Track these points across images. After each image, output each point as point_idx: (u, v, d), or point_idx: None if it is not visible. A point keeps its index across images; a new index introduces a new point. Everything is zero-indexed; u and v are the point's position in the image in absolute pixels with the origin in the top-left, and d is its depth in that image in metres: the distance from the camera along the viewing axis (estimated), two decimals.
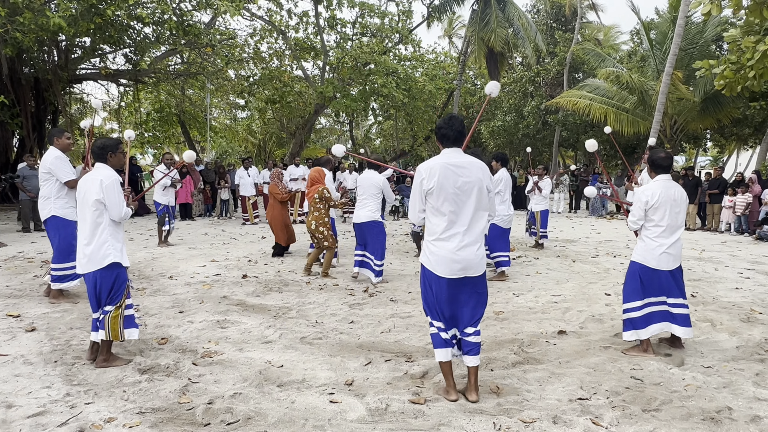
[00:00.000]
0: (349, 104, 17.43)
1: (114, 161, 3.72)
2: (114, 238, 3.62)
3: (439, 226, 3.08)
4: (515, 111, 23.62)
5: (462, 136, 3.15)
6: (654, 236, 3.90)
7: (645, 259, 3.94)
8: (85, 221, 3.60)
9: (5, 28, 10.26)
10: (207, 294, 5.67)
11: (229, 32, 16.67)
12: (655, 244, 3.90)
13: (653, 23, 19.17)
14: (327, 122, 33.14)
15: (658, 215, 3.87)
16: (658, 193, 3.85)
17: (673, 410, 3.04)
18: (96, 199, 3.53)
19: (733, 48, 6.11)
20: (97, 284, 3.57)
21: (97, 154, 3.68)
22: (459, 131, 3.12)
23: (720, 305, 5.47)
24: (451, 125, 3.12)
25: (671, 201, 3.86)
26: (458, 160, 3.06)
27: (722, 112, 16.17)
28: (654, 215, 3.88)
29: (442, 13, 22.41)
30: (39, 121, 16.85)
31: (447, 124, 3.13)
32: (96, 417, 2.87)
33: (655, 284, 3.95)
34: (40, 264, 7.10)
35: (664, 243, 3.88)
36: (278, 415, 2.94)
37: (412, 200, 3.21)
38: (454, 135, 3.11)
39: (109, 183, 3.56)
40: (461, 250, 3.05)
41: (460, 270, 3.06)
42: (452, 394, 3.15)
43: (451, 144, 3.12)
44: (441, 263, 3.08)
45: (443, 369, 3.20)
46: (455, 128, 3.12)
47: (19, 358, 3.69)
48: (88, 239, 3.57)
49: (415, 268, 7.41)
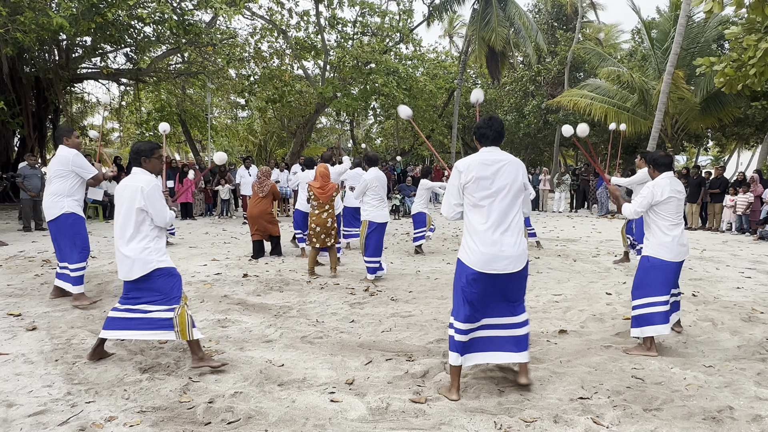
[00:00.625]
0: (349, 103, 17.43)
1: (149, 166, 3.57)
2: (156, 243, 3.50)
3: (478, 221, 3.10)
4: (516, 110, 23.63)
5: (501, 135, 3.23)
6: (666, 230, 3.97)
7: (661, 254, 3.98)
8: (125, 226, 3.47)
9: (6, 27, 10.26)
10: (208, 293, 5.67)
11: (230, 31, 16.67)
12: (669, 237, 3.97)
13: (654, 22, 19.15)
14: (328, 121, 33.15)
15: (669, 209, 3.96)
16: (667, 189, 3.95)
17: (675, 410, 3.04)
18: (138, 208, 3.41)
19: (734, 45, 6.10)
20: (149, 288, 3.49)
21: (132, 159, 3.55)
22: (498, 131, 3.21)
23: (721, 304, 5.46)
24: (491, 125, 3.20)
25: (679, 194, 4.00)
26: (496, 157, 3.14)
27: (723, 111, 16.15)
28: (664, 210, 3.96)
29: (443, 12, 22.39)
30: (40, 121, 16.86)
31: (487, 125, 3.21)
32: (97, 416, 2.87)
33: (671, 277, 4.02)
34: (40, 263, 7.10)
35: (676, 235, 3.97)
36: (279, 414, 2.94)
37: (446, 194, 3.26)
38: (493, 135, 3.19)
39: (150, 190, 3.42)
40: (501, 244, 3.06)
41: (500, 265, 3.06)
42: (454, 394, 3.15)
43: (490, 143, 3.20)
44: (480, 258, 3.07)
45: (453, 371, 3.19)
46: (495, 128, 3.20)
47: (20, 356, 3.69)
48: (128, 245, 3.46)
49: (415, 267, 7.41)
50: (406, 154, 28.47)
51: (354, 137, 31.04)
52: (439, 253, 8.81)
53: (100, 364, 3.61)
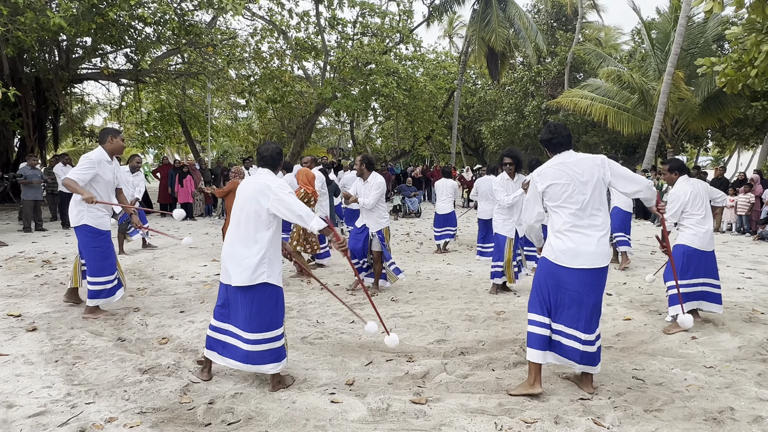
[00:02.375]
0: (349, 104, 17.42)
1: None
2: (273, 253, 3.25)
3: (561, 220, 3.21)
4: (516, 111, 23.62)
5: (570, 139, 3.31)
6: (694, 224, 4.63)
7: (692, 242, 4.63)
8: (248, 231, 3.22)
9: (6, 27, 10.25)
10: (208, 294, 5.67)
11: (230, 32, 16.67)
12: (695, 230, 4.62)
13: (654, 23, 19.15)
14: (328, 122, 33.14)
15: (695, 207, 4.62)
16: (689, 190, 4.63)
17: (675, 410, 3.03)
18: (267, 209, 3.15)
19: (735, 46, 6.09)
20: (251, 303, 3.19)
21: (266, 160, 3.35)
22: (567, 135, 3.29)
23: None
24: (559, 132, 3.27)
25: (701, 192, 4.67)
26: (571, 159, 3.23)
27: (723, 111, 16.15)
28: (691, 208, 4.62)
29: (443, 12, 22.39)
30: (40, 121, 16.84)
31: (555, 132, 3.27)
32: (97, 417, 2.87)
33: (702, 265, 4.64)
34: (40, 264, 7.10)
35: (702, 229, 4.62)
36: (279, 415, 2.93)
37: (526, 204, 3.43)
38: (563, 140, 3.27)
39: (277, 187, 3.15)
40: (585, 242, 3.14)
41: (585, 261, 3.12)
42: (537, 388, 3.17)
43: (563, 148, 3.27)
44: (566, 255, 3.16)
45: (532, 367, 3.21)
46: (563, 134, 3.27)
47: (20, 357, 3.69)
48: (245, 250, 3.19)
49: (415, 268, 7.40)
50: (406, 154, 28.45)
51: (354, 138, 31.01)
52: (439, 254, 8.80)
53: (100, 364, 3.60)
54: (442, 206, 9.02)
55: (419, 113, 20.80)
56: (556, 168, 3.22)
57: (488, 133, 25.04)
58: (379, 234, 5.76)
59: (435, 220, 9.17)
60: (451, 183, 9.13)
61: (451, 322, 4.75)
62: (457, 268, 7.53)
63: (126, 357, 3.75)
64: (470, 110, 27.94)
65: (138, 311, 4.91)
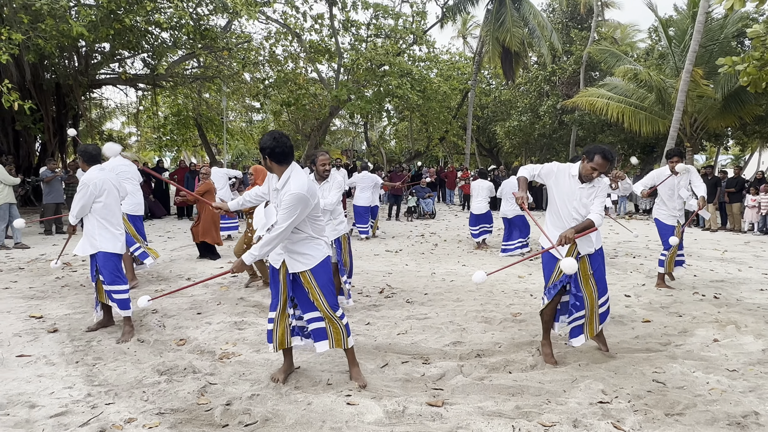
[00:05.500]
0: (363, 106, 17.45)
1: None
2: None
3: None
4: (531, 111, 23.43)
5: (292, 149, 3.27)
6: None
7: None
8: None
9: (28, 35, 10.47)
10: (224, 295, 5.71)
11: (245, 35, 16.80)
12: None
13: (672, 20, 18.84)
14: (342, 124, 33.24)
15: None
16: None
17: (698, 414, 2.97)
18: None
19: (756, 44, 5.97)
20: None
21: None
22: (290, 146, 3.22)
23: (744, 307, 5.34)
24: (283, 143, 3.15)
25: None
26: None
27: (744, 109, 15.83)
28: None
29: (456, 13, 22.32)
30: (60, 126, 17.16)
31: (279, 142, 3.14)
32: (116, 417, 2.90)
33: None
34: (61, 266, 7.22)
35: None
36: (296, 416, 2.94)
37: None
38: (288, 150, 3.18)
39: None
40: None
41: None
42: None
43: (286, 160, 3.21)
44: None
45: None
46: (287, 144, 3.17)
47: (42, 358, 3.75)
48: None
49: (430, 270, 7.38)
50: (420, 155, 28.41)
51: (368, 139, 31.06)
52: (454, 255, 8.77)
53: (119, 365, 3.65)
54: (478, 206, 9.42)
55: (433, 114, 20.75)
56: None
57: (503, 133, 24.87)
58: (337, 243, 5.02)
59: (471, 219, 9.67)
60: (487, 184, 9.47)
61: (467, 324, 4.72)
62: (472, 269, 7.49)
63: (144, 358, 3.80)
64: (484, 111, 27.79)
65: (156, 313, 4.97)
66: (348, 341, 3.36)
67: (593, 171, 3.54)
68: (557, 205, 3.77)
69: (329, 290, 3.29)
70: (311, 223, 3.25)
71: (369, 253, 8.80)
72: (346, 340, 3.35)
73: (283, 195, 3.10)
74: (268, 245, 3.10)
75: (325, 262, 3.31)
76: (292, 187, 3.06)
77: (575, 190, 3.67)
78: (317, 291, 3.25)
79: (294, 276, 3.29)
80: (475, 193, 9.52)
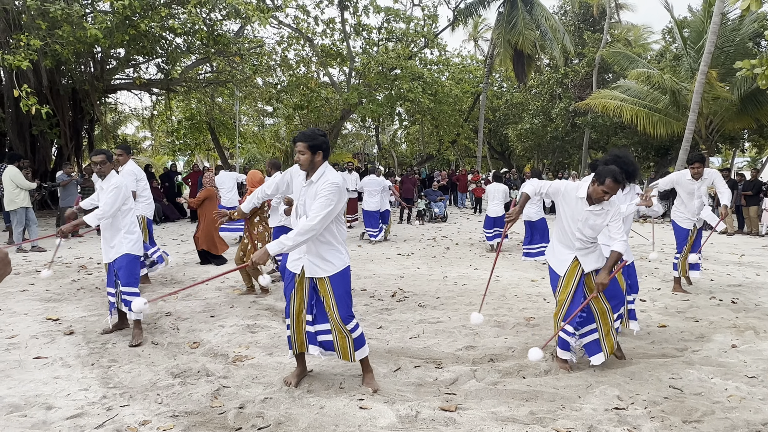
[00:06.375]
0: (375, 109, 17.48)
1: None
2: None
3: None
4: (543, 113, 23.30)
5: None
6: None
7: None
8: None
9: (45, 41, 10.65)
10: (237, 299, 5.74)
11: (257, 40, 16.93)
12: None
13: (686, 21, 18.64)
14: (353, 127, 33.32)
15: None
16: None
17: (716, 422, 2.92)
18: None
19: None
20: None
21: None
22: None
23: (763, 312, 5.25)
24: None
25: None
26: None
27: (761, 111, 15.59)
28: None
29: (468, 16, 22.30)
30: (76, 131, 17.42)
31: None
32: (131, 419, 2.92)
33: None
34: (77, 269, 7.31)
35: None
36: (308, 420, 2.94)
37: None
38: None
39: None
40: None
41: None
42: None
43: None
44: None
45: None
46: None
47: (58, 360, 3.80)
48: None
49: (442, 273, 7.35)
50: (431, 159, 28.36)
51: (379, 143, 31.09)
52: (466, 259, 8.73)
53: (134, 368, 3.68)
54: (494, 209, 9.51)
55: (444, 117, 20.73)
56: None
57: (515, 136, 24.76)
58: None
59: (485, 222, 9.76)
60: (503, 187, 9.66)
61: (480, 328, 4.69)
62: (484, 273, 7.44)
63: (158, 361, 3.82)
64: (496, 113, 27.69)
65: (170, 315, 5.01)
66: (356, 355, 3.29)
67: (605, 194, 3.51)
68: (563, 222, 3.76)
69: (345, 302, 3.26)
70: (336, 227, 3.26)
71: (381, 256, 8.80)
72: (353, 354, 3.29)
73: (320, 185, 3.14)
74: (303, 235, 3.04)
75: (345, 272, 3.29)
76: (331, 178, 3.15)
77: (582, 212, 3.64)
78: (332, 300, 3.23)
79: (312, 282, 3.29)
80: (491, 197, 9.62)
